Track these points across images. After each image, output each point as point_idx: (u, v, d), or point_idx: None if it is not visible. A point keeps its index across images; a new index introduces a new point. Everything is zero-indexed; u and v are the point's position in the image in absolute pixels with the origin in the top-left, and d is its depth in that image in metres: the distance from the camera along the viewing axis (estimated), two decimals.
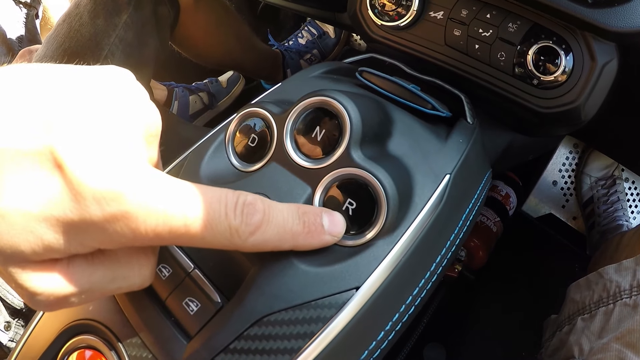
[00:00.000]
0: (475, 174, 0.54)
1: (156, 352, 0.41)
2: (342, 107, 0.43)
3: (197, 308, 0.41)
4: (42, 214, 0.25)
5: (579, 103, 0.59)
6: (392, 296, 0.42)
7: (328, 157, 0.44)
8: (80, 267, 0.28)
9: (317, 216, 0.37)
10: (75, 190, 0.25)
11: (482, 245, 1.20)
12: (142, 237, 0.27)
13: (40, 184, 0.25)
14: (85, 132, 0.26)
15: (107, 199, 0.25)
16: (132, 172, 0.27)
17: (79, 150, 0.25)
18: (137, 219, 0.26)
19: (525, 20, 0.61)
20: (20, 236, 0.25)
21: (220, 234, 0.30)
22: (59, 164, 0.25)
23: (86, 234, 0.26)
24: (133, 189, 0.26)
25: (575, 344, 0.73)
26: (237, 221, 0.30)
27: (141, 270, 0.32)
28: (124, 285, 0.31)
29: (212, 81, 1.75)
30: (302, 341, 0.38)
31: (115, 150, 0.27)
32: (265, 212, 0.32)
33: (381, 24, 0.71)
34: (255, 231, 0.31)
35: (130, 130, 0.29)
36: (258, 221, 0.31)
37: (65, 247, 0.27)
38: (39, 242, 0.26)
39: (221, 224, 0.30)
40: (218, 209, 0.30)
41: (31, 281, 0.27)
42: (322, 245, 0.39)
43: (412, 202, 0.44)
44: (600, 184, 1.40)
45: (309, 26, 1.79)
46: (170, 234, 0.28)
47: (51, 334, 0.45)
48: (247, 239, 0.31)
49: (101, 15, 0.97)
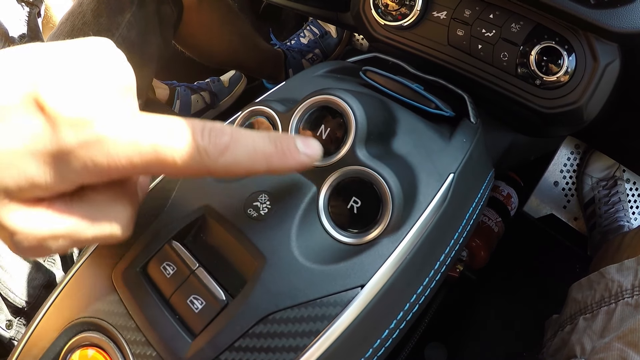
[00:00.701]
0: (479, 173, 0.55)
1: (160, 350, 0.41)
2: (347, 106, 0.43)
3: (201, 306, 0.41)
4: (25, 149, 0.27)
5: (581, 103, 0.59)
6: (397, 294, 0.42)
7: (333, 156, 0.44)
8: (60, 208, 0.30)
9: (289, 138, 0.37)
10: (53, 122, 0.27)
11: (484, 245, 1.20)
12: (116, 164, 0.29)
13: (25, 125, 0.27)
14: (65, 82, 0.29)
15: (80, 125, 0.28)
16: (104, 106, 0.29)
17: (58, 93, 0.28)
18: (109, 144, 0.28)
19: (528, 21, 0.61)
20: (5, 172, 0.27)
21: (189, 155, 0.31)
22: (42, 106, 0.27)
23: (65, 164, 0.28)
24: (104, 117, 0.29)
25: (577, 343, 0.73)
26: (204, 142, 0.31)
27: (118, 218, 0.33)
28: (100, 232, 0.32)
29: (214, 80, 1.75)
30: (307, 339, 0.38)
31: (91, 92, 0.29)
32: (234, 134, 0.33)
33: (384, 24, 0.71)
34: (224, 151, 0.32)
35: (105, 80, 0.31)
36: (226, 141, 0.32)
37: (47, 181, 0.28)
38: (22, 177, 0.28)
39: (189, 146, 0.31)
40: (186, 133, 0.31)
41: (12, 219, 0.29)
42: (299, 167, 0.37)
43: (416, 200, 0.44)
44: (602, 184, 1.40)
45: (311, 26, 1.79)
46: (142, 160, 0.29)
47: (54, 331, 0.45)
48: (217, 159, 0.32)
49: (104, 14, 0.97)
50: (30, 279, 0.95)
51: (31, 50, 0.30)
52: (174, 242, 0.45)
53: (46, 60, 0.30)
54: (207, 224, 0.46)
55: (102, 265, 0.46)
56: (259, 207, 0.44)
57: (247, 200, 0.45)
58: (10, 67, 0.29)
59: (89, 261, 0.48)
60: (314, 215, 0.44)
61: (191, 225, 0.46)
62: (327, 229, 0.43)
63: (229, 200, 0.45)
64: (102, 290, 0.45)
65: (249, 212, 0.44)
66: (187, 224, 0.46)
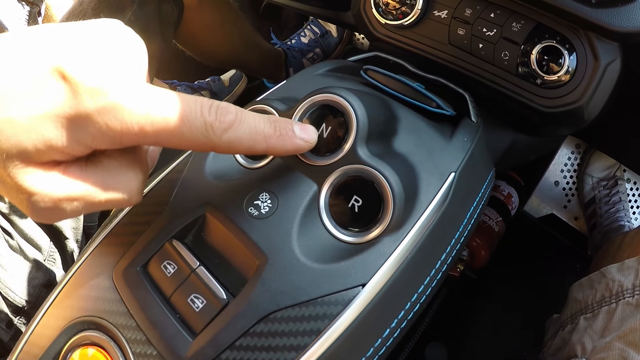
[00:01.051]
0: (480, 172, 0.55)
1: (161, 349, 0.41)
2: (348, 105, 0.43)
3: (202, 305, 0.41)
4: (45, 114, 0.29)
5: (582, 102, 0.59)
6: (398, 293, 0.42)
7: (334, 154, 0.44)
8: (75, 173, 0.32)
9: (288, 123, 0.40)
10: (74, 89, 0.30)
11: (484, 245, 1.20)
12: (129, 129, 0.31)
13: (47, 92, 0.30)
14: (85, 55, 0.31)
15: (99, 92, 0.30)
16: (121, 77, 0.32)
17: (80, 64, 0.30)
18: (124, 111, 0.31)
19: (529, 20, 0.61)
20: (25, 135, 0.29)
21: (196, 129, 0.33)
22: (64, 76, 0.30)
23: (82, 128, 0.30)
24: (121, 87, 0.31)
25: (577, 342, 0.73)
26: (211, 117, 0.34)
27: (129, 184, 0.35)
28: (112, 197, 0.34)
29: (214, 80, 1.75)
30: (308, 338, 0.38)
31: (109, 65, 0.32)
32: (238, 113, 0.35)
33: (385, 23, 0.71)
34: (228, 128, 0.35)
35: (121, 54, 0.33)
36: (231, 119, 0.35)
37: (64, 143, 0.30)
38: (41, 139, 0.30)
39: (197, 120, 0.33)
40: (194, 108, 0.33)
41: (30, 181, 0.31)
42: (295, 150, 0.40)
43: (417, 199, 0.44)
44: (602, 184, 1.40)
45: (311, 25, 1.79)
46: (153, 127, 0.32)
47: (54, 330, 0.45)
48: (221, 135, 0.34)
49: (104, 13, 0.97)
50: (30, 278, 0.95)
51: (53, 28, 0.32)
52: (174, 241, 0.45)
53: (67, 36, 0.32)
54: (208, 223, 0.46)
55: (103, 264, 0.46)
56: (260, 205, 0.44)
57: (248, 199, 0.45)
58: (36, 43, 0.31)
59: (89, 260, 0.48)
60: (315, 214, 0.43)
61: (192, 224, 0.46)
62: (328, 228, 0.43)
63: (230, 198, 0.45)
64: (102, 289, 0.45)
65: (250, 211, 0.44)
66: (188, 223, 0.45)
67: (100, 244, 0.48)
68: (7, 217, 0.91)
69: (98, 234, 0.50)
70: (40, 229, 0.96)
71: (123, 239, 0.47)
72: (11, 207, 0.90)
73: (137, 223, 0.48)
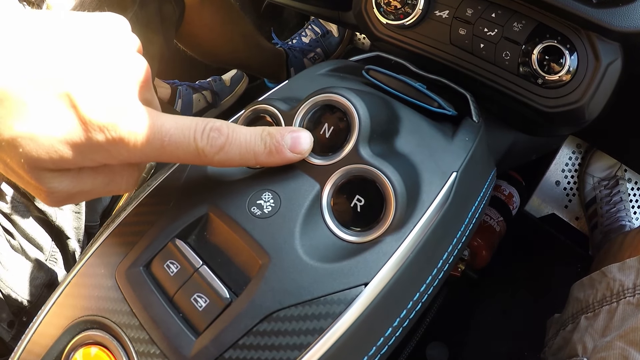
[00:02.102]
0: (481, 172, 0.55)
1: (164, 348, 0.41)
2: (350, 104, 0.43)
3: (205, 304, 0.41)
4: (62, 138, 0.34)
5: (583, 102, 0.59)
6: (400, 292, 0.42)
7: (336, 154, 0.44)
8: (87, 174, 0.38)
9: (280, 136, 0.42)
10: (85, 124, 0.34)
11: (485, 245, 1.20)
12: (134, 154, 0.36)
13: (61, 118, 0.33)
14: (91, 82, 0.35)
15: (108, 128, 0.34)
16: (126, 109, 0.36)
17: (87, 95, 0.34)
18: (129, 142, 0.35)
19: (530, 20, 0.61)
20: (44, 151, 0.34)
21: (190, 153, 0.38)
22: (74, 105, 0.34)
23: (95, 153, 0.35)
24: (126, 121, 0.35)
25: (578, 342, 0.73)
26: (202, 143, 0.38)
27: (129, 179, 0.41)
28: (114, 189, 0.40)
29: (215, 80, 1.75)
30: (311, 337, 0.38)
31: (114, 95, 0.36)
32: (229, 135, 0.39)
33: (386, 23, 0.71)
34: (219, 151, 0.39)
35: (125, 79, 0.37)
36: (222, 143, 0.39)
37: (76, 161, 0.35)
38: (57, 156, 0.34)
39: (190, 146, 0.38)
40: (188, 135, 0.38)
41: (50, 182, 0.36)
42: (286, 162, 0.43)
43: (419, 199, 0.44)
44: (603, 184, 1.40)
45: (312, 25, 1.79)
46: (153, 152, 0.37)
47: (57, 330, 0.45)
48: (212, 157, 0.39)
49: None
50: (32, 278, 0.95)
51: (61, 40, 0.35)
52: (177, 241, 0.45)
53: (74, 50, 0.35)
54: (210, 223, 0.46)
55: (106, 263, 0.46)
56: (262, 205, 0.44)
57: (250, 199, 0.45)
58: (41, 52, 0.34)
59: (92, 259, 0.47)
60: (318, 214, 0.44)
61: (195, 224, 0.46)
62: (330, 228, 0.43)
63: (232, 198, 0.45)
64: (105, 289, 0.45)
65: (252, 211, 0.44)
66: (191, 222, 0.46)
67: (102, 243, 0.48)
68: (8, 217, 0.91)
69: (100, 233, 0.50)
70: (42, 229, 0.96)
71: (126, 238, 0.47)
72: (13, 207, 0.90)
73: (140, 222, 0.48)
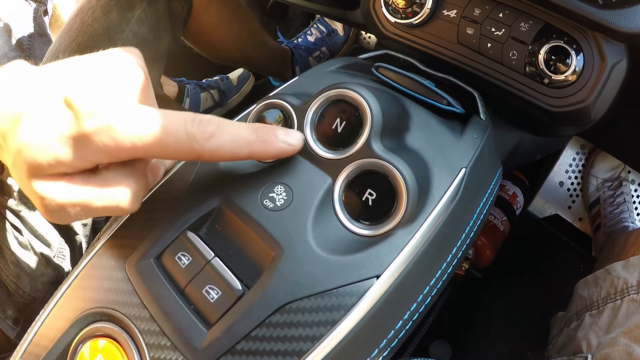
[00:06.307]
0: (489, 169, 0.55)
1: (175, 340, 0.41)
2: (363, 100, 0.44)
3: (217, 296, 0.41)
4: (56, 136, 0.35)
5: (589, 102, 0.59)
6: (410, 285, 0.43)
7: (348, 148, 0.45)
8: (77, 182, 0.38)
9: (272, 129, 0.43)
10: (76, 114, 0.35)
11: (490, 244, 1.21)
12: (121, 145, 0.36)
13: (57, 118, 0.35)
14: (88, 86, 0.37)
15: (94, 115, 0.35)
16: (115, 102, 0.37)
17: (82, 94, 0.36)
18: (116, 130, 0.35)
19: (537, 20, 0.61)
20: (41, 153, 0.35)
21: (180, 139, 0.37)
22: (70, 105, 0.35)
23: (84, 146, 0.36)
24: (113, 111, 0.36)
25: (583, 339, 0.73)
26: (193, 129, 0.38)
27: (125, 192, 0.40)
28: (107, 204, 0.39)
29: (222, 78, 1.75)
30: (324, 328, 0.38)
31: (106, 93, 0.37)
32: (220, 124, 0.39)
33: (394, 22, 0.71)
34: (210, 137, 0.38)
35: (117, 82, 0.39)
36: (213, 130, 0.38)
37: (70, 159, 0.36)
38: (52, 157, 0.35)
39: (180, 132, 0.37)
40: (178, 122, 0.37)
41: (40, 188, 0.36)
42: (279, 154, 0.44)
43: (430, 193, 0.44)
44: (607, 185, 1.40)
45: (318, 24, 1.79)
46: (142, 142, 0.36)
47: (65, 322, 0.45)
48: (203, 144, 0.38)
49: (114, 10, 0.98)
50: (39, 275, 0.95)
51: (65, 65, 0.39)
52: (189, 233, 0.45)
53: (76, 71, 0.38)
54: (222, 215, 0.46)
55: (115, 255, 0.46)
56: (275, 198, 0.45)
57: (263, 192, 0.45)
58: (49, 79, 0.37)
59: (101, 252, 0.48)
60: (330, 207, 0.44)
61: (206, 216, 0.46)
62: (342, 221, 0.43)
63: (244, 191, 0.46)
64: (115, 281, 0.45)
65: (265, 203, 0.44)
66: (203, 215, 0.46)
67: (112, 235, 0.48)
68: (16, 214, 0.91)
69: (109, 226, 0.50)
70: (50, 225, 0.97)
71: (135, 231, 0.47)
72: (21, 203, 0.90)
73: (150, 215, 0.48)
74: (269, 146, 0.42)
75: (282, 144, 0.43)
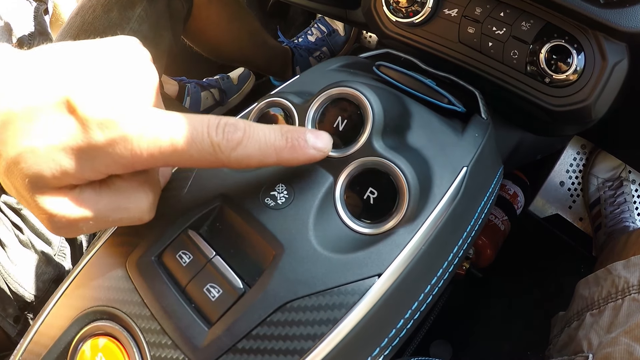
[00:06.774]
0: (490, 168, 0.55)
1: (176, 339, 0.41)
2: (364, 98, 0.44)
3: (218, 294, 0.41)
4: (61, 145, 0.31)
5: (590, 102, 0.59)
6: (412, 284, 0.43)
7: (349, 147, 0.45)
8: (89, 195, 0.34)
9: (301, 133, 0.39)
10: (84, 123, 0.31)
11: (490, 244, 1.21)
12: (138, 157, 0.33)
13: (60, 125, 0.31)
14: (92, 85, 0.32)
15: (107, 125, 0.31)
16: (128, 108, 0.33)
17: (87, 96, 0.32)
18: (132, 141, 0.32)
19: (538, 19, 0.61)
20: (45, 164, 0.31)
21: (204, 149, 0.34)
22: (73, 109, 0.31)
23: (95, 158, 0.32)
24: (128, 118, 0.32)
25: (584, 338, 0.73)
26: (218, 138, 0.34)
27: (140, 203, 0.37)
28: (125, 216, 0.36)
29: (223, 77, 1.76)
30: (325, 327, 0.38)
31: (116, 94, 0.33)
32: (246, 129, 0.35)
33: (395, 21, 0.71)
34: (236, 146, 0.35)
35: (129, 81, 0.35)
36: (239, 137, 0.35)
37: (78, 171, 0.32)
38: (57, 168, 0.32)
39: (204, 141, 0.34)
40: (201, 129, 0.34)
41: (48, 204, 0.33)
42: (308, 160, 0.40)
43: (431, 192, 0.44)
44: (608, 185, 1.40)
45: (318, 23, 1.79)
46: (161, 153, 0.33)
47: (65, 320, 0.44)
48: (229, 154, 0.35)
49: (115, 8, 0.98)
50: (40, 273, 0.95)
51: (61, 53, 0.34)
52: (190, 231, 0.45)
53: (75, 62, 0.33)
54: (223, 213, 0.46)
55: (116, 254, 0.46)
56: (276, 196, 0.44)
57: (264, 190, 0.45)
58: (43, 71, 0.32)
59: (101, 250, 0.47)
60: (331, 205, 0.44)
61: (207, 215, 0.46)
62: (343, 219, 0.43)
63: (246, 189, 0.46)
64: (115, 279, 0.45)
65: (266, 202, 0.44)
66: (204, 213, 0.46)
67: (113, 234, 0.48)
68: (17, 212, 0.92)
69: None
70: None
71: (136, 229, 0.46)
72: None
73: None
74: (298, 154, 0.39)
75: (312, 151, 0.39)
